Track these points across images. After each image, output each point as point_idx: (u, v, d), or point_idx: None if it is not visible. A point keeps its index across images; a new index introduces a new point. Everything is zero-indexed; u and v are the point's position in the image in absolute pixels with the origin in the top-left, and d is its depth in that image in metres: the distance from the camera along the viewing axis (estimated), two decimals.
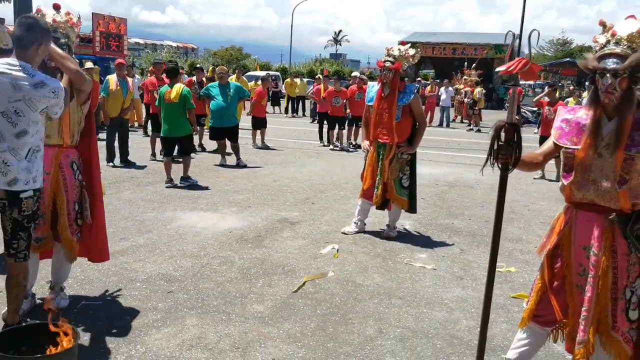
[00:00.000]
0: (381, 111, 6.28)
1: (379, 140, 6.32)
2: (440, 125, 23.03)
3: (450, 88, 23.82)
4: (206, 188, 8.89)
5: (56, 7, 3.97)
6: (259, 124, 14.38)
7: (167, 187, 8.81)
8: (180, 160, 9.51)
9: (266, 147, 14.18)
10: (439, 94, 23.61)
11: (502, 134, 2.95)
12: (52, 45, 3.77)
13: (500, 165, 3.00)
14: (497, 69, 3.23)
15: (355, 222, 6.68)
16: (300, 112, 26.52)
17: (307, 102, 26.19)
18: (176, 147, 9.31)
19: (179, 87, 9.13)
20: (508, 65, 2.96)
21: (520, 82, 3.35)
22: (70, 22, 3.96)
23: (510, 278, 5.29)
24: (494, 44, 39.87)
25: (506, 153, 2.95)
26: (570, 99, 21.27)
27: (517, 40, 3.03)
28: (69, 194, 4.06)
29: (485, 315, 3.23)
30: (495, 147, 2.96)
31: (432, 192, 9.28)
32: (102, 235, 4.37)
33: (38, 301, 4.29)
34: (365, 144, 6.57)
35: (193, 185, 8.97)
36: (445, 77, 31.09)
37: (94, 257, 4.43)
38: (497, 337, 4.05)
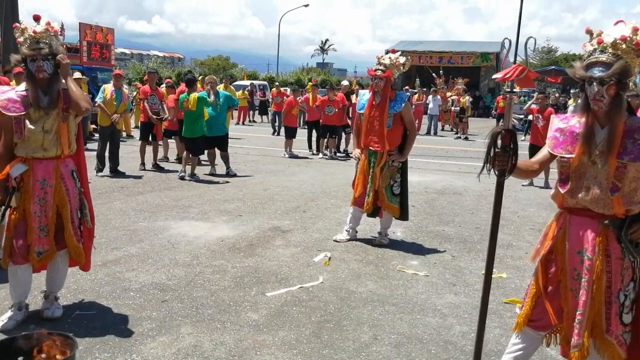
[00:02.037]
0: (372, 119, 6.32)
1: (370, 148, 6.36)
2: (428, 133, 23.09)
3: (438, 96, 23.91)
4: (197, 197, 8.88)
5: (36, 19, 3.96)
6: (290, 133, 14.72)
7: (185, 179, 10.34)
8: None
9: (293, 156, 14.37)
10: (427, 102, 23.68)
11: (499, 141, 2.98)
12: (72, 84, 3.97)
13: (497, 172, 3.03)
14: (494, 76, 3.27)
15: (346, 230, 6.71)
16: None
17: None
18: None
19: (194, 96, 10.36)
20: (505, 73, 2.99)
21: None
22: (53, 30, 3.96)
23: (501, 284, 5.33)
24: (480, 52, 40.23)
25: (503, 159, 2.97)
26: (571, 101, 21.49)
27: (513, 48, 3.07)
28: (72, 203, 4.10)
29: (481, 322, 3.25)
30: (492, 153, 2.99)
31: (422, 199, 9.33)
32: (91, 244, 4.40)
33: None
34: (357, 152, 6.60)
35: (183, 195, 8.99)
36: (432, 85, 31.32)
37: (84, 265, 4.38)
38: (490, 343, 4.08)
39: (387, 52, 7.01)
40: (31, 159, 3.95)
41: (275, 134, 20.59)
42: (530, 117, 12.54)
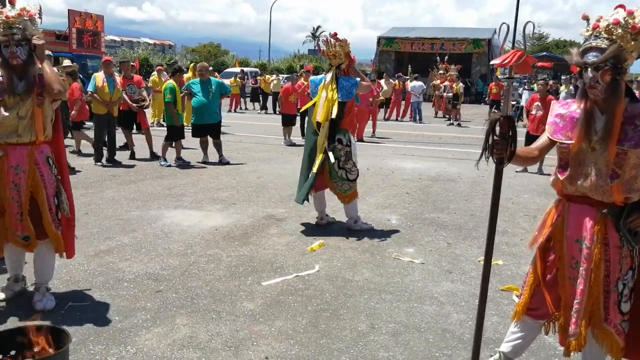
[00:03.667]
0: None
1: None
2: (414, 120, 22.92)
3: (420, 83, 23.51)
4: (190, 186, 8.81)
5: (11, 2, 3.88)
6: (288, 121, 14.66)
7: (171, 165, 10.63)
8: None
9: (291, 144, 14.31)
10: (409, 89, 23.23)
11: (497, 128, 2.92)
12: (46, 67, 3.93)
13: (495, 160, 2.97)
14: (492, 62, 3.22)
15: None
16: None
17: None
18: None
19: (164, 86, 11.02)
20: (503, 58, 2.94)
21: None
22: (28, 14, 3.89)
23: (497, 271, 5.31)
24: (472, 38, 40.09)
25: (501, 147, 2.92)
26: (562, 87, 21.49)
27: (510, 33, 3.02)
28: (47, 189, 4.06)
29: (480, 312, 3.22)
30: (490, 141, 2.94)
31: (416, 186, 9.30)
32: (73, 231, 4.40)
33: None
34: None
35: (176, 183, 8.94)
36: (425, 72, 31.25)
37: (68, 252, 4.35)
38: (488, 330, 4.05)
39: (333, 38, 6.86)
40: (5, 144, 3.93)
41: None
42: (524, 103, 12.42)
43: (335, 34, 6.34)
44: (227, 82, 23.42)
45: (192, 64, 17.33)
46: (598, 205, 2.85)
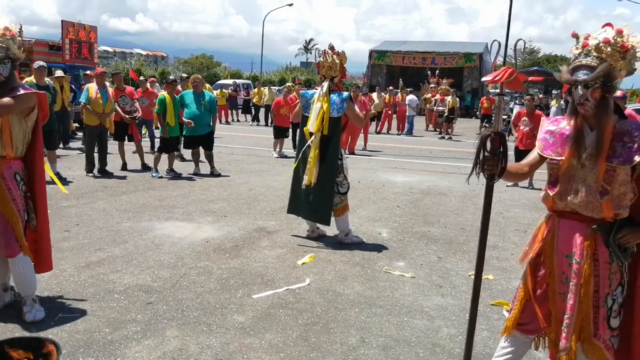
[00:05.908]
0: None
1: None
2: (406, 133, 23.01)
3: (414, 97, 23.71)
4: (181, 197, 8.80)
5: None
6: (280, 133, 14.70)
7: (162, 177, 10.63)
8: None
9: (283, 156, 14.33)
10: (406, 102, 23.47)
11: (488, 144, 2.95)
12: None
13: (486, 176, 3.00)
14: (483, 79, 3.26)
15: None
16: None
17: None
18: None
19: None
20: (494, 75, 2.97)
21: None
22: (10, 34, 3.95)
23: (488, 286, 5.33)
24: (463, 52, 40.38)
25: (492, 163, 2.95)
26: (553, 102, 21.64)
27: (502, 50, 3.06)
28: (17, 204, 4.06)
29: (471, 327, 3.23)
30: (481, 157, 2.96)
31: (407, 199, 9.33)
32: (47, 247, 4.36)
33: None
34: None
35: (167, 195, 8.92)
36: (416, 85, 31.46)
37: (38, 268, 4.33)
38: (478, 345, 4.06)
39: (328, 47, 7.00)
40: None
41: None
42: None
43: (333, 47, 6.41)
44: (216, 93, 23.62)
45: (185, 76, 17.35)
46: (588, 221, 2.87)
